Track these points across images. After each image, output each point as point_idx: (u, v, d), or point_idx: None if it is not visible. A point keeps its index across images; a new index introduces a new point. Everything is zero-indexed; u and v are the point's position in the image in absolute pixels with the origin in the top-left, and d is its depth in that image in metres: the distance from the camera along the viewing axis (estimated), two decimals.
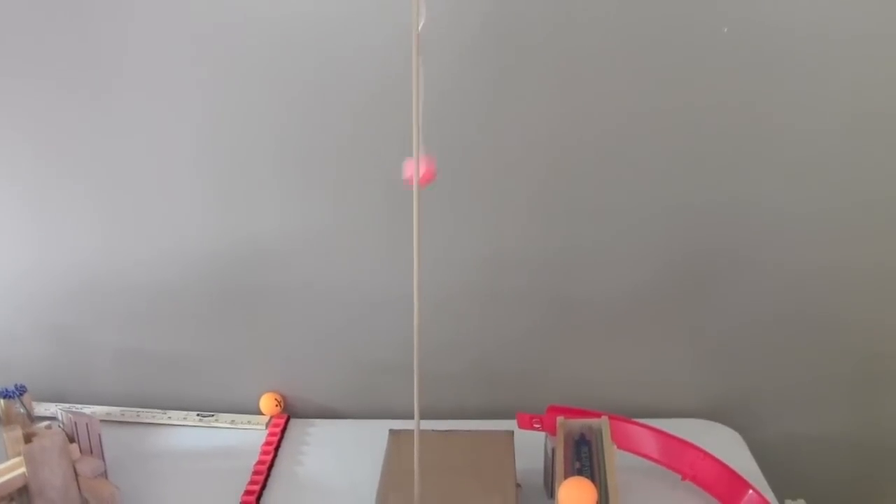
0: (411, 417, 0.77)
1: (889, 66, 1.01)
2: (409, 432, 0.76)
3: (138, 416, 1.20)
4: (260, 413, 1.21)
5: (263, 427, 1.18)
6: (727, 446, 1.09)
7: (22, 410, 1.05)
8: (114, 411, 1.21)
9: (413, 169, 0.69)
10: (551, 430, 0.98)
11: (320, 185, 1.10)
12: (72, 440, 0.99)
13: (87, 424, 1.00)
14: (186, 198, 1.12)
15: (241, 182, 1.10)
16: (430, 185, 0.71)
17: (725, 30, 0.99)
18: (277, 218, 1.12)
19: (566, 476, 0.80)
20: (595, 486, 0.77)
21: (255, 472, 1.07)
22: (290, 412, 1.22)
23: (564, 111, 1.05)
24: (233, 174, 1.10)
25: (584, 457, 0.90)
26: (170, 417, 1.20)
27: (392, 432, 1.03)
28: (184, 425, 1.19)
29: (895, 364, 1.18)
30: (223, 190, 1.11)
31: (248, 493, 1.03)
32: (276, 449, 1.13)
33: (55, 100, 1.07)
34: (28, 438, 0.96)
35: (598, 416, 0.97)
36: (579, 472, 0.86)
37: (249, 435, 1.16)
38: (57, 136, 1.09)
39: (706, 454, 1.01)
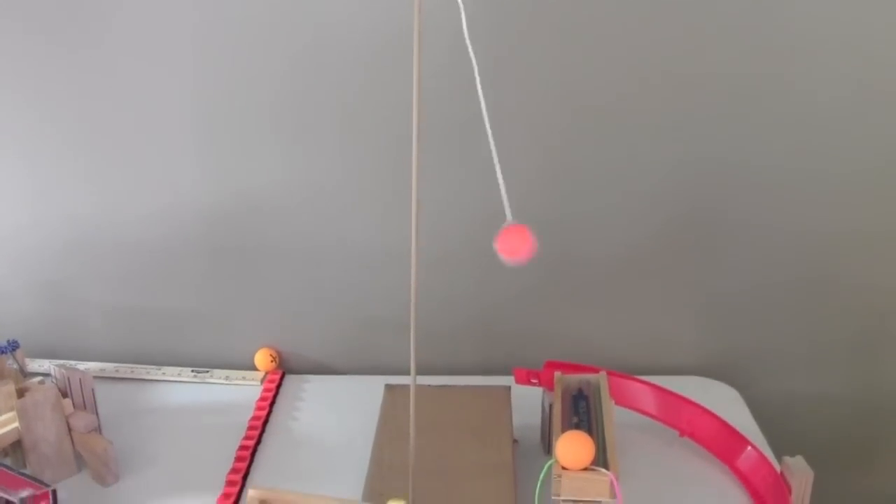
0: (408, 373, 0.76)
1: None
2: (405, 387, 0.76)
3: (132, 372, 1.19)
4: (255, 369, 1.20)
5: (258, 383, 1.17)
6: (726, 404, 1.08)
7: (14, 366, 1.04)
8: (108, 367, 1.20)
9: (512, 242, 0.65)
10: (549, 386, 0.98)
11: (318, 139, 1.09)
12: (65, 395, 0.99)
13: (80, 379, 1.00)
14: (181, 152, 1.11)
15: (236, 137, 1.09)
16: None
17: None
18: (273, 173, 1.11)
19: (563, 430, 0.79)
20: (593, 440, 0.77)
21: (250, 428, 1.07)
22: (285, 368, 1.21)
23: (569, 69, 1.04)
24: (228, 128, 1.09)
25: (581, 411, 0.89)
26: (164, 373, 1.19)
27: (388, 387, 1.03)
28: (178, 381, 1.18)
29: (895, 326, 1.18)
30: (218, 145, 1.10)
31: (242, 448, 1.02)
32: (271, 405, 1.12)
33: (46, 54, 1.06)
34: (21, 393, 0.96)
35: (596, 371, 0.96)
36: (577, 427, 0.85)
37: (244, 391, 1.16)
38: (49, 90, 1.08)
39: (704, 410, 1.01)
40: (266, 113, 1.08)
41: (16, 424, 0.94)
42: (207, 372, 1.19)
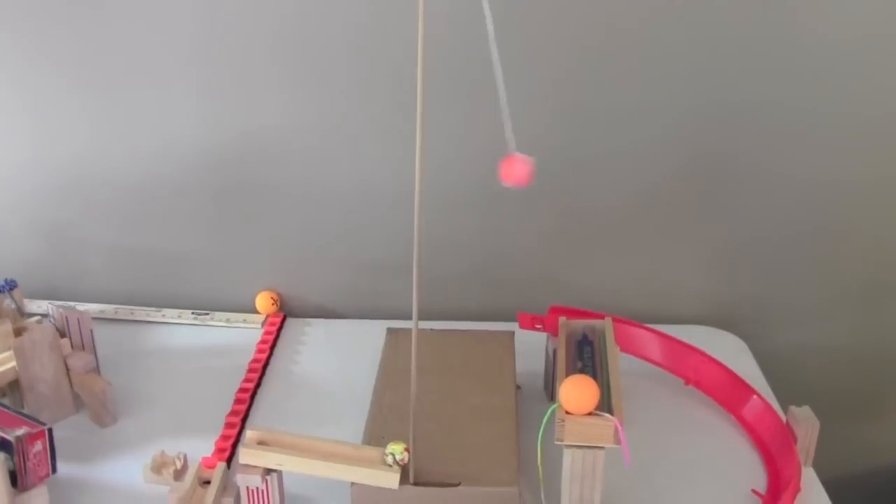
0: (410, 317, 0.75)
1: None
2: (408, 331, 0.74)
3: (132, 313, 1.18)
4: (256, 312, 1.19)
5: (259, 326, 1.16)
6: (733, 354, 1.08)
7: (12, 305, 1.03)
8: (107, 309, 1.19)
9: (514, 167, 0.65)
10: (553, 331, 0.96)
11: (322, 79, 1.07)
12: (63, 335, 0.98)
13: (78, 320, 0.99)
14: (182, 92, 1.09)
15: (239, 77, 1.07)
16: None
17: None
18: (276, 114, 1.09)
19: (567, 375, 0.78)
20: (597, 384, 0.75)
21: (250, 371, 1.06)
22: (286, 311, 1.20)
23: (578, 10, 1.02)
24: (231, 68, 1.07)
25: (586, 356, 0.88)
26: (164, 315, 1.18)
27: (390, 331, 1.02)
28: (178, 323, 1.17)
29: None
30: (221, 85, 1.08)
31: (242, 390, 1.02)
32: (272, 348, 1.11)
33: None
34: (18, 333, 0.95)
35: (602, 317, 0.95)
36: (581, 372, 0.84)
37: (245, 334, 1.15)
38: (49, 30, 1.06)
39: (710, 359, 1.00)
40: (269, 53, 1.06)
41: (13, 364, 0.94)
42: (208, 314, 1.19)
